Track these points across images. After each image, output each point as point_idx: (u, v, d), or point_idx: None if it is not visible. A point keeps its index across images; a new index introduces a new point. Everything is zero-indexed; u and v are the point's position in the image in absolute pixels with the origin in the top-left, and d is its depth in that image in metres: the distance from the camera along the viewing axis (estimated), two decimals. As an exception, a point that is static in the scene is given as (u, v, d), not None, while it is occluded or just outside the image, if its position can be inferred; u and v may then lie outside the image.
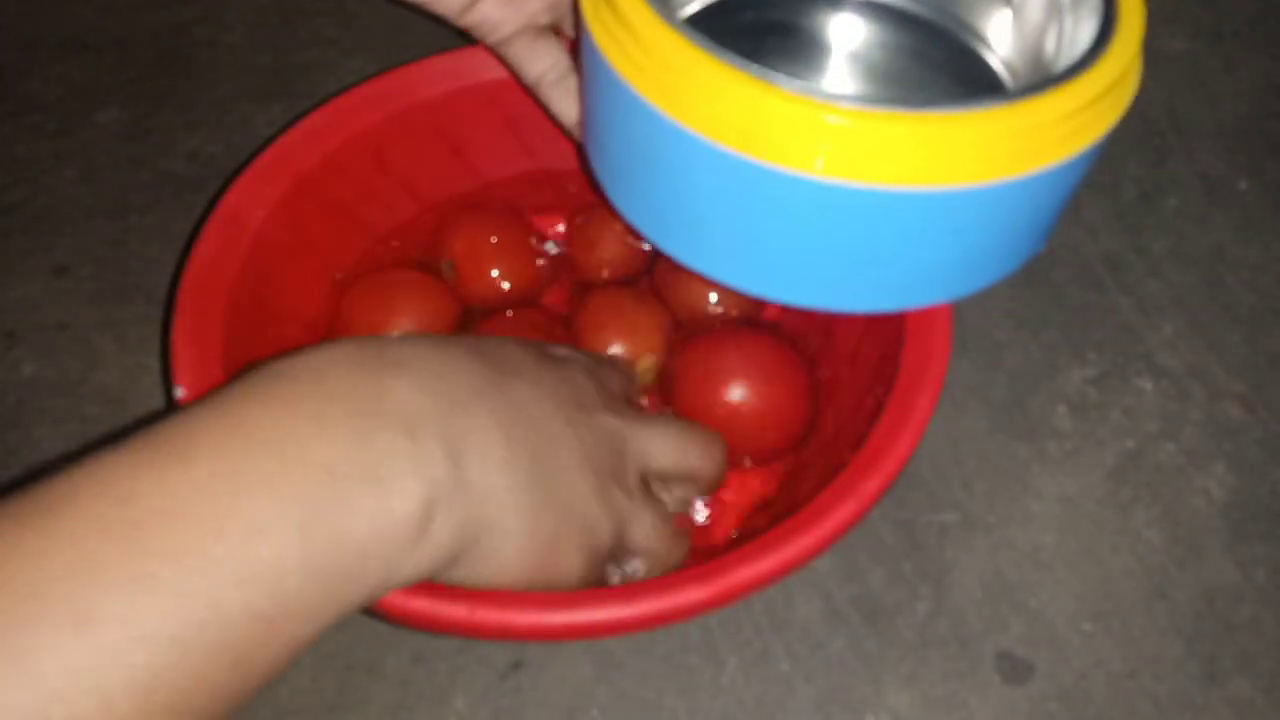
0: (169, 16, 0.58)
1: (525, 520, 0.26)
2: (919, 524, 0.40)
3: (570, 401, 0.29)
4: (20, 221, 0.49)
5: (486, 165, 0.44)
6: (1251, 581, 0.39)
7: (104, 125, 0.53)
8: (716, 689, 0.36)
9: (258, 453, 0.22)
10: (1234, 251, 0.48)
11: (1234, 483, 0.41)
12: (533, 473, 0.27)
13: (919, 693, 0.36)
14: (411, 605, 0.26)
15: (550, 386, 0.29)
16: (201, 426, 0.22)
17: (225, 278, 0.35)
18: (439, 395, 0.25)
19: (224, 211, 0.37)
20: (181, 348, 0.33)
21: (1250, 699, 0.36)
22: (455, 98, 0.41)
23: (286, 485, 0.22)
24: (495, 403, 0.27)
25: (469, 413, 0.26)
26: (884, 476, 0.30)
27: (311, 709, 0.36)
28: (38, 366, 0.45)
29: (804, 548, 0.28)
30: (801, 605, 0.38)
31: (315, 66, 0.56)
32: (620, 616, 0.27)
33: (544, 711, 0.36)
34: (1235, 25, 0.58)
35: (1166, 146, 0.52)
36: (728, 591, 0.28)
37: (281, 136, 0.39)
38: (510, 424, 0.27)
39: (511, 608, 0.27)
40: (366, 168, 0.41)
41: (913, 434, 0.31)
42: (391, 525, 0.23)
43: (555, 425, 0.28)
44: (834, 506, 0.29)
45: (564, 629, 0.27)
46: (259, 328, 0.37)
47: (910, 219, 0.27)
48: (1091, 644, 0.37)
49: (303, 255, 0.40)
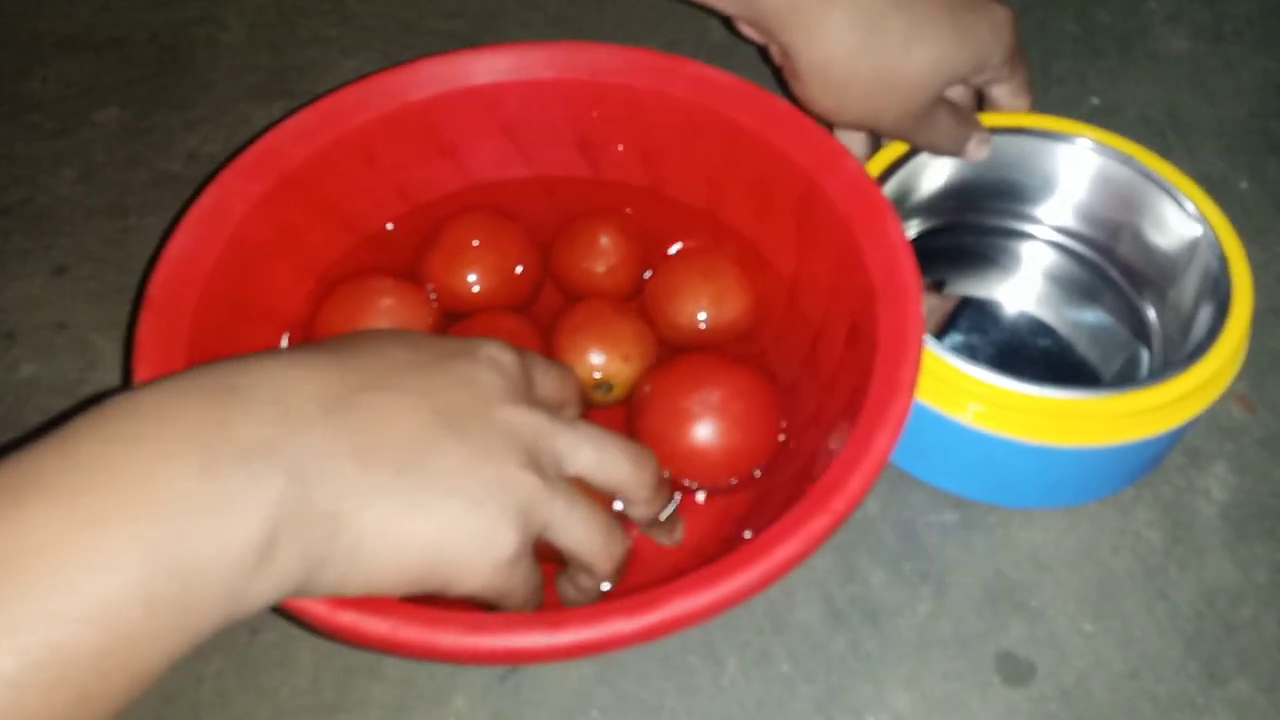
0: (168, 16, 0.58)
1: (390, 531, 0.26)
2: (919, 524, 0.40)
3: (460, 402, 0.29)
4: (19, 221, 0.49)
5: (480, 169, 0.44)
6: (1252, 582, 0.39)
7: (103, 125, 0.53)
8: (716, 690, 0.36)
9: (98, 491, 0.22)
10: (1234, 251, 0.48)
11: (1235, 483, 0.41)
12: (396, 482, 0.26)
13: (920, 693, 0.36)
14: (338, 619, 0.27)
15: (431, 391, 0.28)
16: (41, 466, 0.23)
17: (199, 274, 0.35)
18: (281, 420, 0.25)
19: (202, 207, 0.36)
20: (145, 343, 0.32)
21: (1251, 699, 0.36)
22: (447, 100, 0.41)
23: (126, 522, 0.22)
24: (344, 418, 0.26)
25: (314, 433, 0.26)
26: (833, 516, 0.29)
27: (311, 709, 0.36)
28: (37, 367, 0.45)
29: (743, 585, 0.28)
30: (802, 606, 0.38)
31: (315, 66, 0.56)
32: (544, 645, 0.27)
33: (543, 712, 0.36)
34: (1236, 25, 0.58)
35: (1167, 146, 0.52)
36: (659, 626, 0.27)
37: (267, 133, 0.38)
38: (361, 441, 0.26)
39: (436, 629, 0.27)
40: (356, 167, 0.40)
41: (867, 473, 0.30)
42: (233, 555, 0.23)
43: (429, 431, 0.27)
44: (777, 544, 0.28)
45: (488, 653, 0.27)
46: (233, 326, 0.36)
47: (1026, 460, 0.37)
48: (1092, 644, 0.37)
49: (286, 253, 0.39)
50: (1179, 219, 0.41)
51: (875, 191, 0.37)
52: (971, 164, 0.43)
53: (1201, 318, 0.39)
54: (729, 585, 0.28)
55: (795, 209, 0.39)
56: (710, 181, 0.42)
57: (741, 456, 0.38)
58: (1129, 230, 0.44)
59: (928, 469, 0.40)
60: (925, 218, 0.46)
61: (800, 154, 0.38)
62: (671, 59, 0.40)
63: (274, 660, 0.37)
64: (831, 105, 0.40)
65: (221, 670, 0.36)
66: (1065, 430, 0.35)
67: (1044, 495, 0.40)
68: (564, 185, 0.44)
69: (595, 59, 0.40)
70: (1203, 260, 0.40)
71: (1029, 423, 0.35)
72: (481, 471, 0.28)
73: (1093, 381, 0.42)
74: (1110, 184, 0.43)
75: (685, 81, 0.40)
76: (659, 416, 0.38)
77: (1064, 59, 0.56)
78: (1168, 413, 0.36)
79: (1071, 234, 0.46)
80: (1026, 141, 0.44)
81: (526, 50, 0.41)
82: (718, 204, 0.43)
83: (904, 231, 0.36)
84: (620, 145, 0.43)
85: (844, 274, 0.37)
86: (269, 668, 0.37)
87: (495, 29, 0.57)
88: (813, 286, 0.40)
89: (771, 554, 0.28)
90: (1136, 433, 0.35)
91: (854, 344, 0.35)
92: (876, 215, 0.36)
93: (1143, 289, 0.44)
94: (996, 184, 0.45)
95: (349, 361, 0.28)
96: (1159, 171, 0.42)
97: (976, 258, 0.47)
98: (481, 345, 0.31)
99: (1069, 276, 0.46)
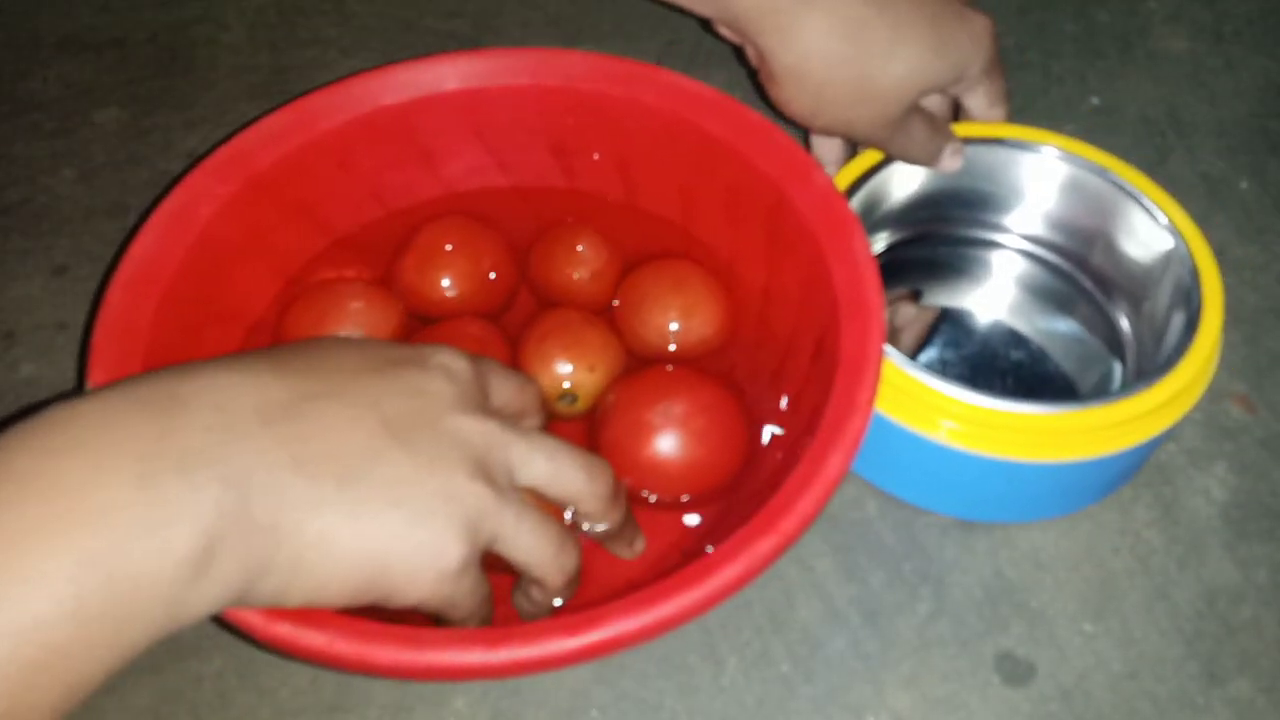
0: (168, 16, 0.58)
1: (331, 542, 0.26)
2: (919, 524, 0.40)
3: (409, 411, 0.28)
4: (19, 221, 0.49)
5: (457, 177, 0.43)
6: (1252, 582, 0.39)
7: (103, 124, 0.53)
8: (716, 690, 0.36)
9: (30, 503, 0.22)
10: (1235, 251, 0.48)
11: (1235, 483, 0.41)
12: (339, 494, 0.26)
13: (919, 694, 0.36)
14: (273, 630, 0.27)
15: (379, 399, 0.28)
16: None
17: (163, 275, 0.34)
18: (221, 430, 0.25)
19: (168, 208, 0.36)
20: (100, 345, 0.32)
21: (1251, 699, 0.36)
22: (422, 105, 0.40)
23: (58, 534, 0.22)
24: (286, 429, 0.26)
25: (255, 443, 0.25)
26: (781, 537, 0.29)
27: (311, 709, 0.36)
28: (37, 366, 0.45)
29: (686, 606, 0.27)
30: (802, 606, 0.38)
31: (314, 66, 0.56)
32: (480, 662, 0.27)
33: (543, 712, 0.36)
34: (1236, 25, 0.58)
35: (1167, 146, 0.52)
36: (597, 645, 0.27)
37: (238, 134, 0.38)
38: (303, 448, 0.26)
39: (372, 643, 0.27)
40: (329, 169, 0.40)
41: (817, 495, 0.30)
42: (169, 566, 0.23)
43: (375, 440, 0.27)
44: (722, 565, 0.28)
45: (424, 668, 0.27)
46: (199, 327, 0.36)
47: (1002, 476, 0.37)
48: (1092, 644, 0.37)
49: (255, 255, 0.39)
50: (1151, 230, 0.41)
51: (843, 206, 0.36)
52: (943, 174, 0.43)
53: (1174, 327, 0.39)
54: (671, 606, 0.27)
55: (765, 221, 0.39)
56: (682, 191, 0.42)
57: (703, 471, 0.37)
58: (1102, 240, 0.44)
59: (904, 487, 0.40)
60: (897, 228, 0.46)
61: (770, 165, 0.38)
62: (646, 67, 0.40)
63: (274, 660, 0.37)
64: (806, 109, 0.40)
65: (221, 670, 0.36)
66: (1038, 445, 0.35)
67: (1020, 510, 0.40)
68: (541, 195, 0.44)
69: (569, 65, 0.40)
70: (1175, 272, 0.40)
71: (1003, 439, 0.35)
72: (428, 482, 0.27)
73: (1067, 392, 0.42)
74: (1083, 194, 0.43)
75: (658, 89, 0.40)
76: (621, 428, 0.38)
77: (1064, 59, 0.56)
78: (1140, 425, 0.36)
79: (1044, 244, 0.46)
80: (999, 151, 0.43)
81: (501, 56, 0.41)
82: (690, 215, 0.43)
83: (870, 248, 0.35)
84: (596, 153, 0.42)
85: (811, 289, 0.36)
86: (269, 668, 0.37)
87: (495, 29, 0.57)
88: (783, 300, 0.39)
89: (716, 575, 0.28)
90: (1109, 446, 0.35)
91: (818, 360, 0.35)
92: (844, 230, 0.36)
93: (1116, 299, 0.44)
94: (969, 194, 0.45)
95: (296, 368, 0.28)
96: (1132, 182, 0.42)
97: (949, 269, 0.47)
98: (433, 353, 0.31)
99: (1042, 286, 0.46)
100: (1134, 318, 0.43)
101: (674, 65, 0.56)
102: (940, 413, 0.36)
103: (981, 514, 0.40)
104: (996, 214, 0.46)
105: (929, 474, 0.39)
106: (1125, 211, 0.42)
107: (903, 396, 0.36)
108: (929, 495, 0.40)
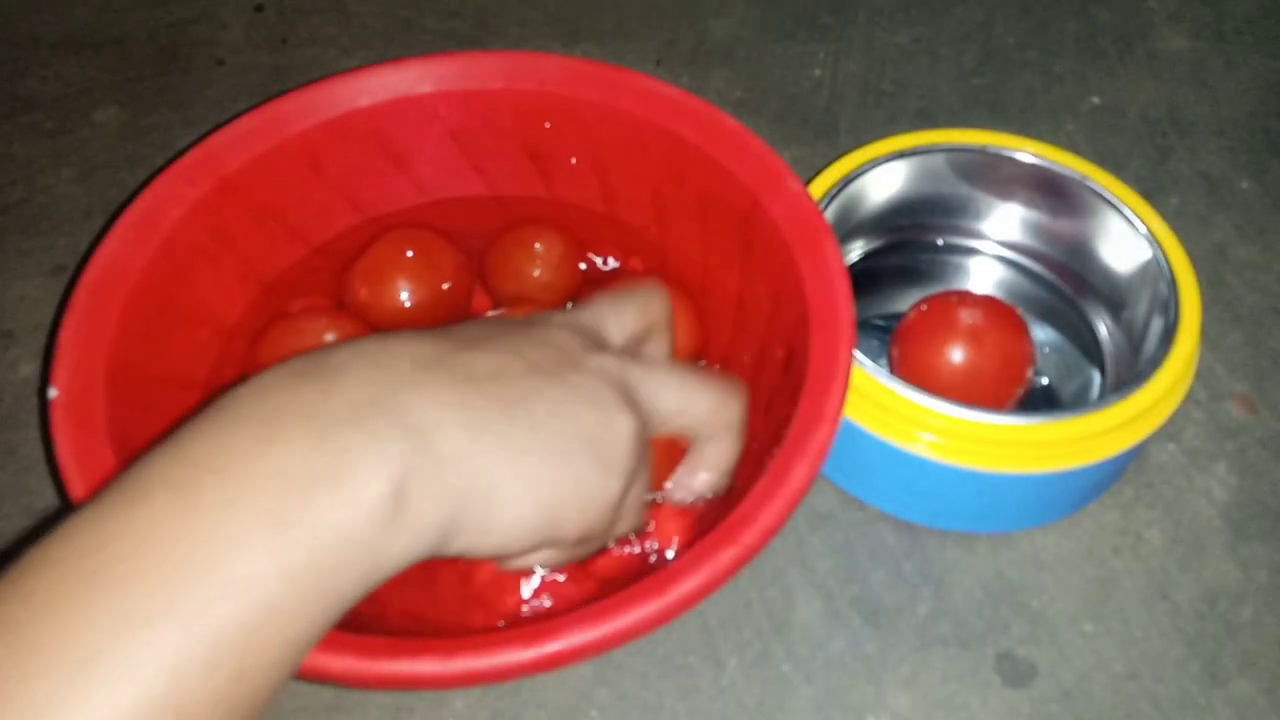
0: (167, 15, 0.58)
1: (509, 476, 0.27)
2: (919, 524, 0.40)
3: (548, 358, 0.29)
4: (18, 221, 0.49)
5: (434, 184, 0.43)
6: (1253, 582, 0.39)
7: (102, 124, 0.53)
8: (716, 690, 0.36)
9: (208, 480, 0.23)
10: (1235, 251, 0.48)
11: (1235, 483, 0.41)
12: (504, 431, 0.27)
13: (920, 694, 0.36)
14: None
15: (519, 348, 0.29)
16: (153, 466, 0.23)
17: (128, 278, 0.34)
18: (382, 382, 0.26)
19: (135, 212, 0.36)
20: (64, 349, 0.32)
21: (1252, 700, 0.36)
22: (394, 108, 0.40)
23: (244, 501, 0.22)
24: (444, 374, 0.27)
25: (419, 389, 0.26)
26: (743, 549, 0.28)
27: (311, 709, 0.36)
28: (36, 366, 0.45)
29: (645, 617, 0.27)
30: (802, 606, 0.38)
31: (314, 66, 0.55)
32: (434, 673, 0.26)
33: (543, 713, 0.36)
34: (1237, 24, 0.58)
35: (1168, 146, 0.52)
36: (554, 656, 0.27)
37: (207, 137, 0.38)
38: (466, 389, 0.27)
39: (326, 653, 0.26)
40: (300, 173, 0.39)
41: (780, 507, 0.29)
42: (362, 513, 0.23)
43: (526, 382, 0.28)
44: (682, 577, 0.28)
45: (377, 678, 0.27)
46: (166, 330, 0.36)
47: (980, 487, 0.37)
48: (1093, 645, 0.37)
49: (224, 258, 0.38)
50: (1130, 239, 0.41)
51: (817, 215, 0.36)
52: (922, 179, 0.43)
53: (1152, 336, 0.39)
54: (629, 617, 0.27)
55: (739, 228, 0.38)
56: (656, 197, 0.42)
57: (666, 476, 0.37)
58: (1081, 248, 0.44)
59: (887, 501, 0.40)
60: (874, 235, 0.46)
61: (744, 171, 0.37)
62: (621, 71, 0.40)
63: (273, 661, 0.37)
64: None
65: (220, 671, 0.36)
66: (1017, 457, 0.35)
67: (999, 522, 0.40)
68: (519, 204, 0.44)
69: (544, 69, 0.40)
70: (1153, 281, 0.40)
71: (983, 451, 0.35)
72: (586, 414, 0.28)
73: (1047, 401, 0.42)
74: (1062, 202, 0.43)
75: (632, 94, 0.39)
76: None
77: (1064, 58, 0.56)
78: (1118, 436, 0.36)
79: (1023, 251, 0.46)
80: (977, 158, 0.43)
81: (475, 59, 0.40)
82: (664, 221, 0.42)
83: (843, 258, 0.35)
84: (573, 158, 0.42)
85: (782, 298, 0.36)
86: (268, 668, 0.36)
87: (495, 28, 0.57)
88: (756, 309, 0.39)
89: (676, 587, 0.28)
90: (1088, 457, 0.35)
91: (788, 370, 0.35)
92: (816, 239, 0.35)
93: (1095, 307, 0.44)
94: (948, 200, 0.45)
95: (431, 334, 0.29)
96: (1111, 190, 0.42)
97: (927, 276, 0.46)
98: (548, 314, 0.32)
99: (1021, 294, 0.45)
100: (1113, 326, 0.43)
101: (674, 65, 0.56)
102: (919, 425, 0.36)
103: (963, 525, 0.40)
104: (975, 221, 0.46)
105: (909, 488, 0.39)
106: (1104, 220, 0.42)
107: (882, 410, 0.36)
108: (912, 508, 0.40)
